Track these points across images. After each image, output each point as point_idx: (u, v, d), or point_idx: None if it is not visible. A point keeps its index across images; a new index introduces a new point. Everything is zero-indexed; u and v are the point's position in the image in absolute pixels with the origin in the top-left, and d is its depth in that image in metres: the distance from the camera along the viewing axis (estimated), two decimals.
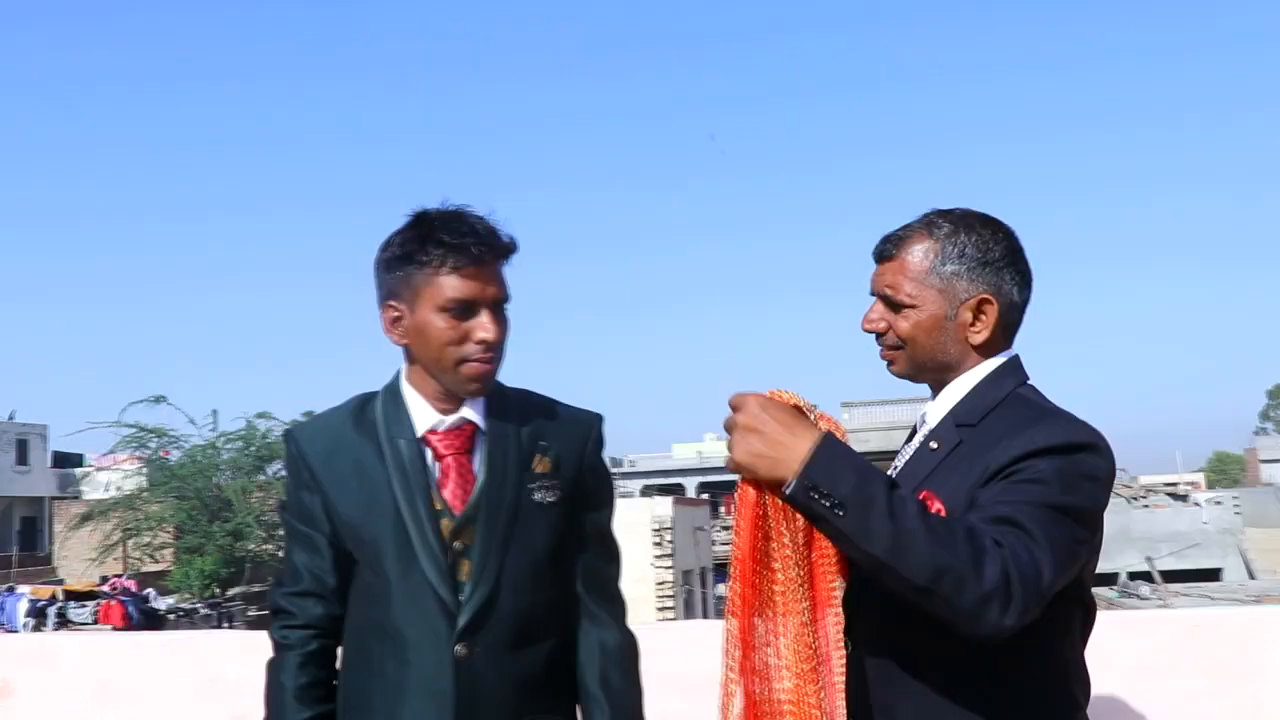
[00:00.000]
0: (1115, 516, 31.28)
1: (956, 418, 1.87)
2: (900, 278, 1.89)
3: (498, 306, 2.00)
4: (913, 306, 1.88)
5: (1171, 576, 24.96)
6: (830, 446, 1.63)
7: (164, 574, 28.09)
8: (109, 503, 29.11)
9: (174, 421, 34.79)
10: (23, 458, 48.95)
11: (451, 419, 2.05)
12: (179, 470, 28.44)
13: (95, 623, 20.71)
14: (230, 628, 24.02)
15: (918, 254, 1.89)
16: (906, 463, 1.93)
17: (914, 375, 1.95)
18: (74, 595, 22.17)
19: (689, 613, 27.27)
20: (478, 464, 2.05)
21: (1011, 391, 1.86)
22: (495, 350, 2.00)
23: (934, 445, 1.88)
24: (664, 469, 55.12)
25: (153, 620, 21.56)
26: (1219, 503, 32.77)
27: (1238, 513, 32.24)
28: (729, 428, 1.70)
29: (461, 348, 1.98)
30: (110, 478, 31.35)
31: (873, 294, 1.95)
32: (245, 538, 27.98)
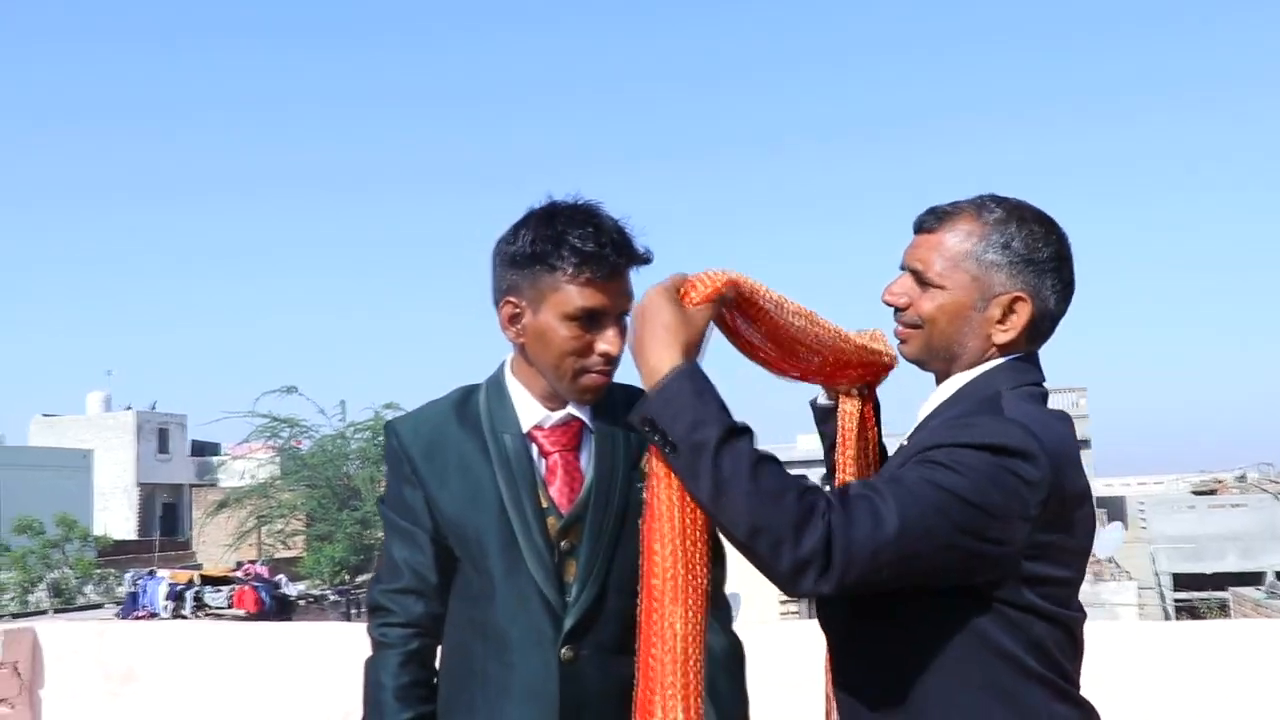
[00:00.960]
0: (1260, 514, 30.01)
1: (941, 412, 1.76)
2: (935, 254, 1.78)
3: (623, 318, 1.93)
4: (941, 287, 1.76)
5: None
6: (678, 381, 1.56)
7: (295, 560, 28.86)
8: (244, 490, 30.02)
9: (305, 412, 35.78)
10: (164, 446, 51.06)
11: (558, 415, 2.00)
12: (310, 459, 29.14)
13: (230, 607, 21.40)
14: (359, 613, 24.59)
15: (960, 234, 1.77)
16: (890, 460, 1.83)
17: (925, 360, 1.83)
18: (210, 580, 22.94)
19: (812, 610, 26.92)
20: (585, 461, 2.00)
21: (999, 392, 1.71)
22: (616, 363, 1.94)
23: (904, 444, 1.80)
24: (788, 459, 54.34)
25: (284, 605, 22.20)
26: None
27: None
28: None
29: (584, 359, 1.91)
30: (245, 466, 32.28)
31: (902, 267, 1.83)
32: (373, 526, 28.43)
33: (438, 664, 2.04)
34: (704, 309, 1.64)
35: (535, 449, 1.99)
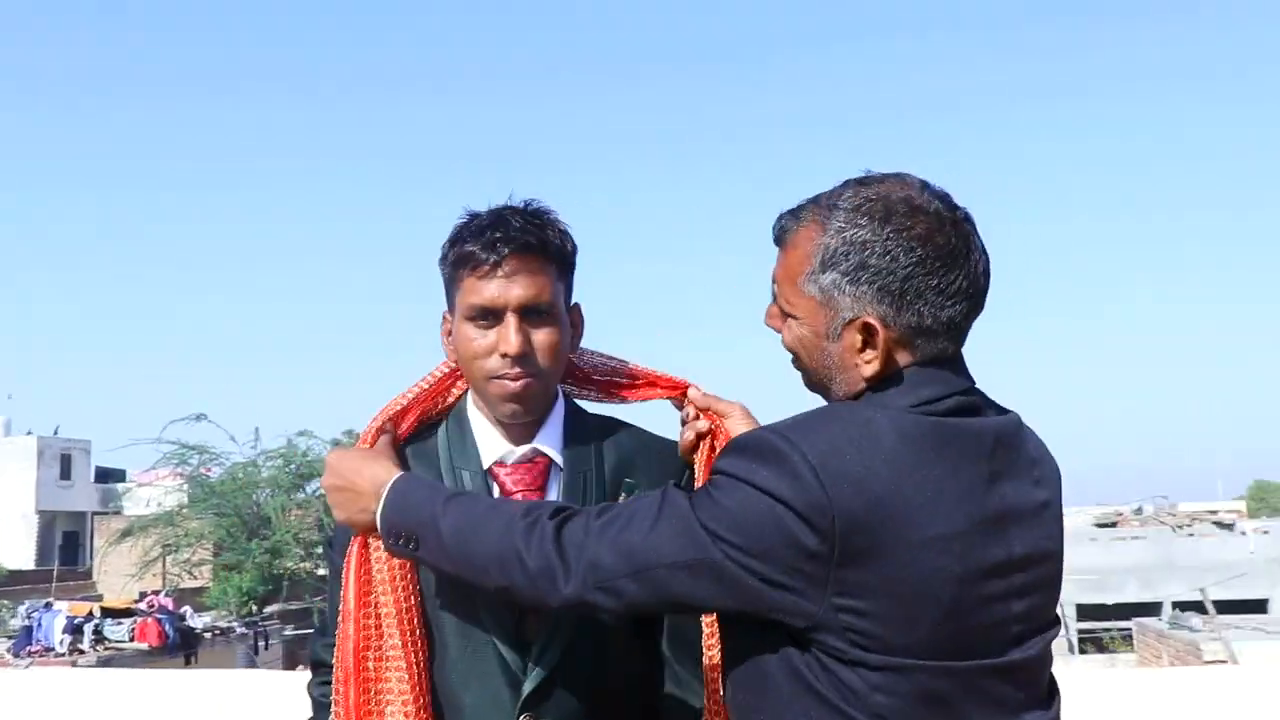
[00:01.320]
0: (1159, 546, 30.87)
1: None
2: (782, 274, 1.54)
3: (531, 314, 1.72)
4: (793, 316, 1.53)
5: (1217, 607, 24.58)
6: (398, 488, 1.63)
7: (202, 591, 28.22)
8: (149, 518, 29.35)
9: (215, 439, 35.04)
10: (66, 472, 49.54)
11: (522, 450, 1.80)
12: (219, 487, 28.63)
13: (131, 640, 20.81)
14: (266, 646, 24.11)
15: (802, 249, 1.50)
16: None
17: (814, 393, 1.59)
18: (111, 612, 22.28)
19: None
20: None
21: (868, 399, 1.48)
22: (523, 364, 1.72)
23: None
24: None
25: (188, 638, 21.65)
26: (1266, 532, 32.21)
27: None
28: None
29: (487, 362, 1.73)
30: (151, 494, 31.54)
31: None
32: (283, 555, 28.06)
33: None
34: (384, 440, 1.77)
35: (496, 489, 1.79)
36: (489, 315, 1.72)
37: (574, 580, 1.45)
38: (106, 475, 47.40)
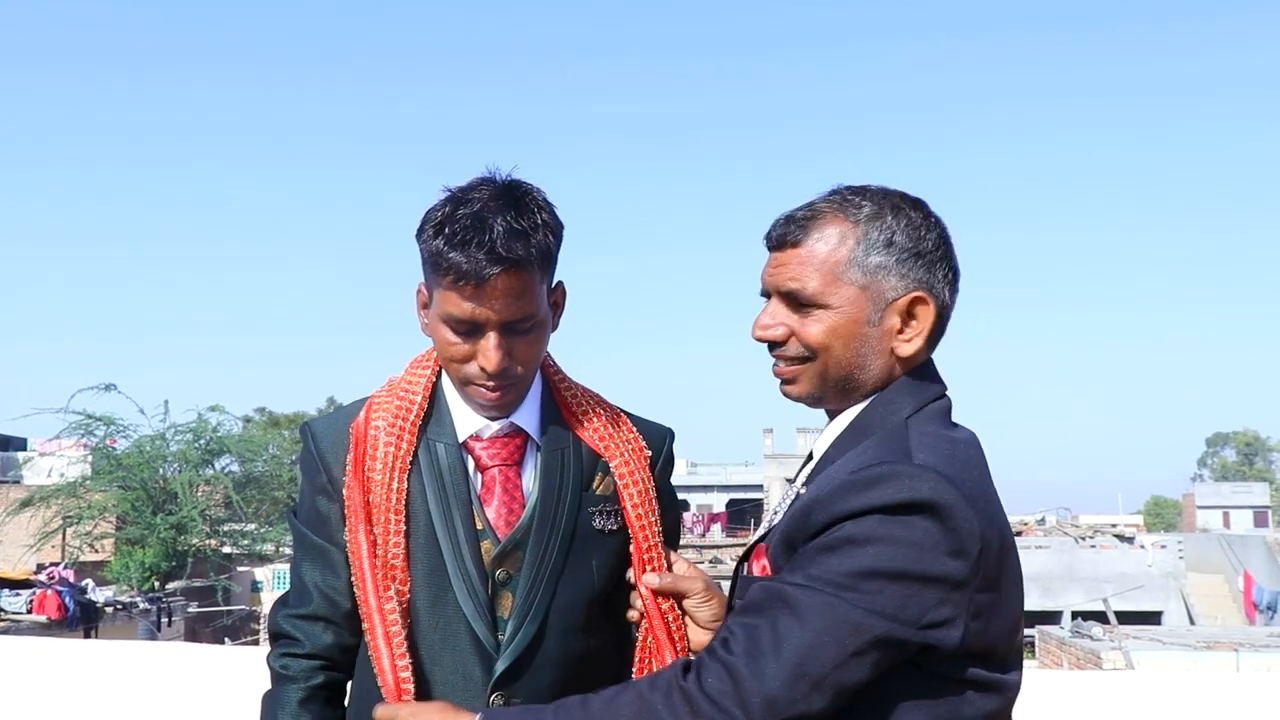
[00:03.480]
0: (1061, 555, 31.68)
1: (843, 446, 1.54)
2: (808, 269, 1.53)
3: (512, 327, 1.69)
4: (825, 306, 1.52)
5: (1115, 618, 25.29)
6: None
7: (103, 564, 27.59)
8: (50, 489, 28.54)
9: (123, 410, 34.30)
10: None
11: (499, 424, 1.78)
12: (125, 459, 27.94)
13: (29, 612, 20.29)
14: (169, 623, 23.68)
15: (831, 240, 1.52)
16: (780, 514, 1.59)
17: (819, 397, 1.58)
18: (8, 583, 21.71)
19: None
20: (528, 479, 1.78)
21: (904, 421, 1.50)
22: (501, 378, 1.70)
23: (803, 490, 1.56)
24: None
25: (89, 612, 21.18)
26: (1163, 546, 33.21)
27: (1181, 557, 32.69)
28: None
29: (465, 367, 1.71)
30: (53, 464, 30.73)
31: (765, 293, 1.61)
32: (189, 532, 27.50)
33: (347, 703, 1.81)
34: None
35: (472, 462, 1.78)
36: (468, 328, 1.68)
37: None
38: (7, 443, 46.07)
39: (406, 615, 1.70)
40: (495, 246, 1.62)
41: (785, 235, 1.56)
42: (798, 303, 1.54)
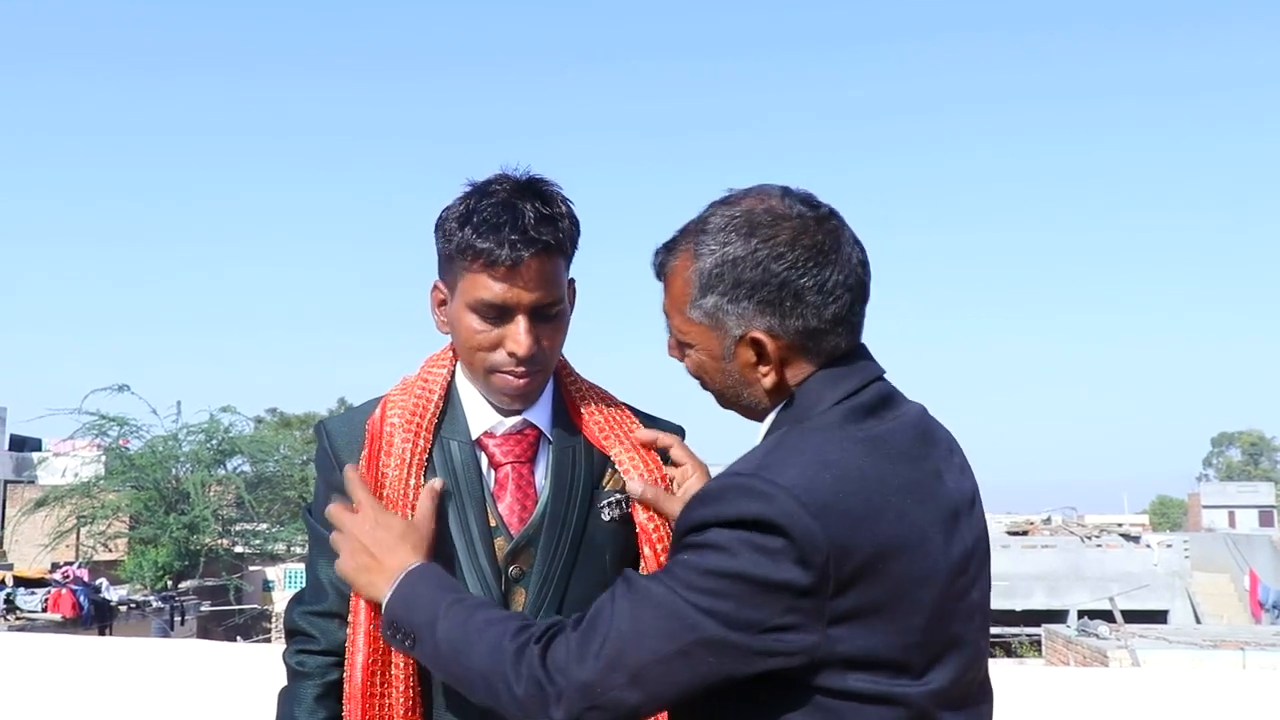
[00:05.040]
0: (1067, 555, 31.67)
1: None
2: (671, 305, 1.56)
3: (541, 312, 1.70)
4: (689, 345, 1.55)
5: (1121, 617, 25.31)
6: (411, 581, 1.58)
7: (116, 564, 27.71)
8: (65, 489, 28.67)
9: (136, 411, 34.43)
10: None
11: (512, 421, 1.78)
12: (138, 460, 28.13)
13: (44, 611, 20.40)
14: (182, 622, 23.81)
15: (678, 276, 1.53)
16: None
17: (736, 412, 1.59)
18: (24, 582, 21.83)
19: None
20: (540, 476, 1.78)
21: (801, 422, 1.47)
22: (530, 364, 1.71)
23: None
24: None
25: (103, 611, 21.29)
26: (1169, 546, 33.17)
27: (1186, 557, 32.67)
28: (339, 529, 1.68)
29: (491, 355, 1.70)
30: (68, 464, 30.85)
31: None
32: (201, 531, 27.63)
33: None
34: (428, 507, 1.69)
35: (485, 459, 1.78)
36: (499, 313, 1.69)
37: (564, 705, 1.37)
38: (22, 444, 46.04)
39: None
40: (528, 230, 1.63)
41: (657, 268, 1.58)
42: (676, 340, 1.58)
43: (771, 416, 1.53)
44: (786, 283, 1.44)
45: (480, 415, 1.79)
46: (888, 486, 1.38)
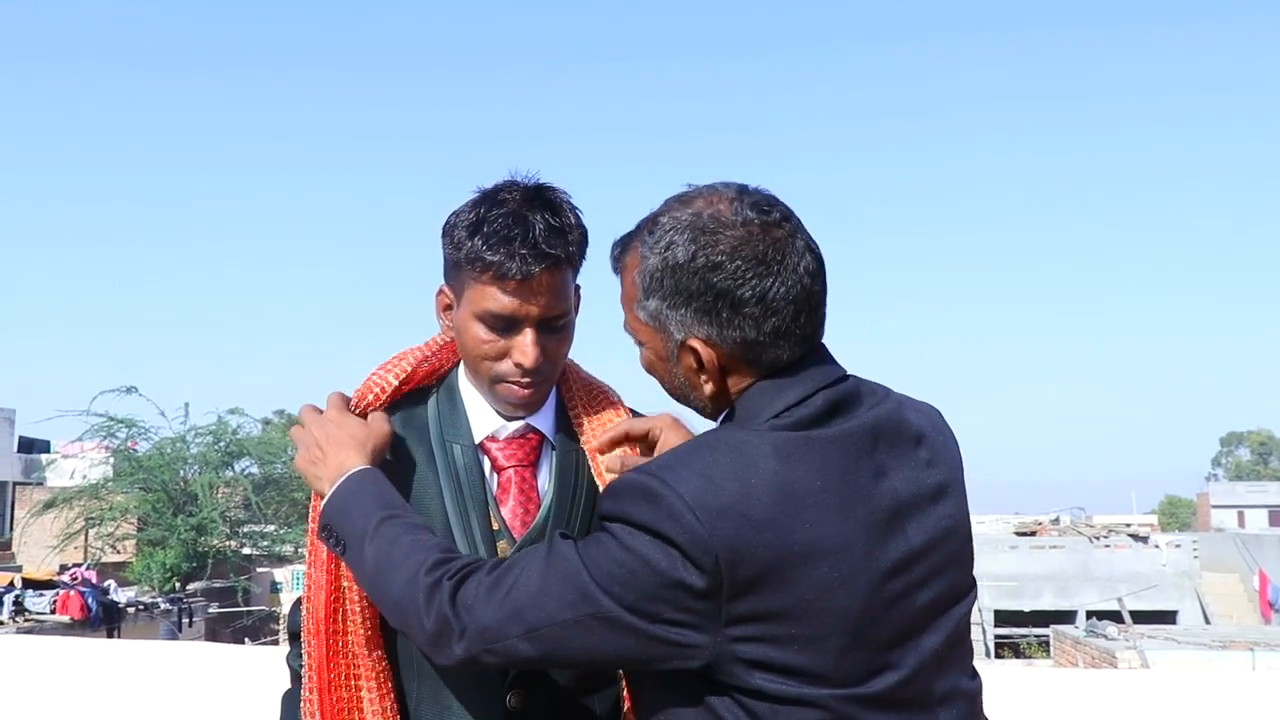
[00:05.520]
0: (1075, 555, 31.57)
1: None
2: (624, 302, 1.56)
3: (548, 324, 1.71)
4: (640, 343, 1.55)
5: (1130, 617, 25.25)
6: (351, 483, 1.62)
7: (124, 565, 27.78)
8: (73, 490, 28.79)
9: (144, 413, 34.55)
10: None
11: (515, 425, 1.79)
12: (146, 461, 28.23)
13: (52, 612, 20.43)
14: (190, 623, 23.85)
15: (629, 276, 1.52)
16: None
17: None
18: (33, 584, 21.87)
19: None
20: (543, 480, 1.79)
21: (730, 426, 1.46)
22: (536, 374, 1.71)
23: None
24: None
25: (111, 613, 21.34)
26: (1178, 546, 33.05)
27: (1196, 557, 32.57)
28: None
29: (497, 365, 1.71)
30: (76, 465, 30.99)
31: None
32: (209, 533, 27.71)
33: None
34: (382, 416, 1.73)
35: (488, 463, 1.78)
36: (506, 324, 1.69)
37: (464, 642, 1.42)
38: (30, 445, 46.18)
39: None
40: (538, 244, 1.63)
41: (613, 262, 1.58)
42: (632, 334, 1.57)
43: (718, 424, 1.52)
44: (724, 293, 1.41)
45: (483, 419, 1.79)
46: (802, 493, 1.36)
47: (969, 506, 1.56)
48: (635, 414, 1.89)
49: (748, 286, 1.41)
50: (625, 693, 1.74)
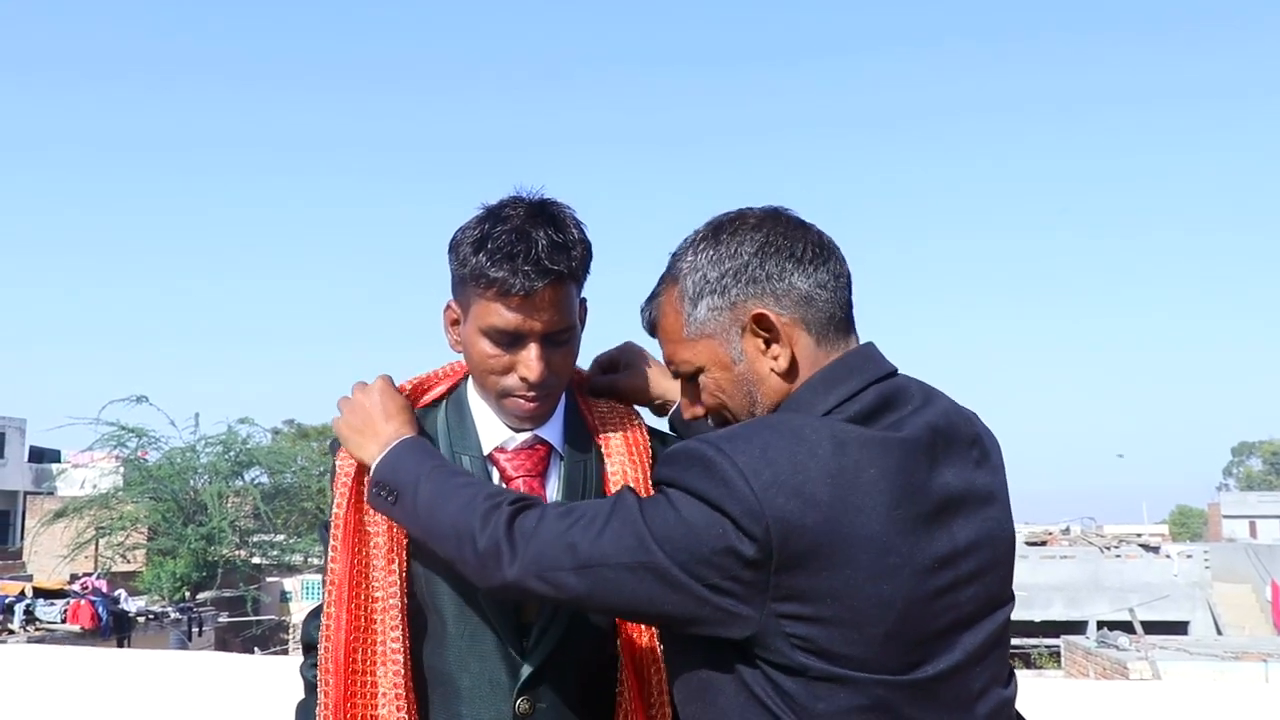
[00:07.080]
0: (1086, 565, 31.48)
1: None
2: (672, 348, 1.62)
3: (553, 338, 1.74)
4: (700, 369, 1.59)
5: (1141, 628, 25.18)
6: (404, 446, 1.70)
7: (134, 575, 27.84)
8: (83, 500, 28.84)
9: (154, 422, 34.62)
10: None
11: (524, 436, 1.82)
12: (156, 471, 28.25)
13: (63, 622, 20.46)
14: (200, 633, 23.86)
15: (669, 310, 1.61)
16: None
17: None
18: (43, 593, 21.90)
19: None
20: (551, 490, 1.82)
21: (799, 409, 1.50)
22: (541, 388, 1.74)
23: None
24: None
25: (121, 622, 21.36)
26: (1189, 556, 32.93)
27: (1207, 567, 32.44)
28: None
29: (503, 379, 1.74)
30: (86, 475, 31.04)
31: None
32: (219, 543, 27.73)
33: None
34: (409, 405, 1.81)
35: (496, 474, 1.81)
36: (511, 339, 1.72)
37: (517, 565, 1.47)
38: (41, 455, 46.40)
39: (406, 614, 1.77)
40: (541, 260, 1.66)
41: (647, 325, 1.67)
42: (686, 376, 1.62)
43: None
44: (763, 255, 1.52)
45: (492, 430, 1.82)
46: (855, 480, 1.38)
47: (1013, 518, 1.58)
48: (654, 431, 1.95)
49: (783, 250, 1.53)
50: (628, 696, 1.78)
